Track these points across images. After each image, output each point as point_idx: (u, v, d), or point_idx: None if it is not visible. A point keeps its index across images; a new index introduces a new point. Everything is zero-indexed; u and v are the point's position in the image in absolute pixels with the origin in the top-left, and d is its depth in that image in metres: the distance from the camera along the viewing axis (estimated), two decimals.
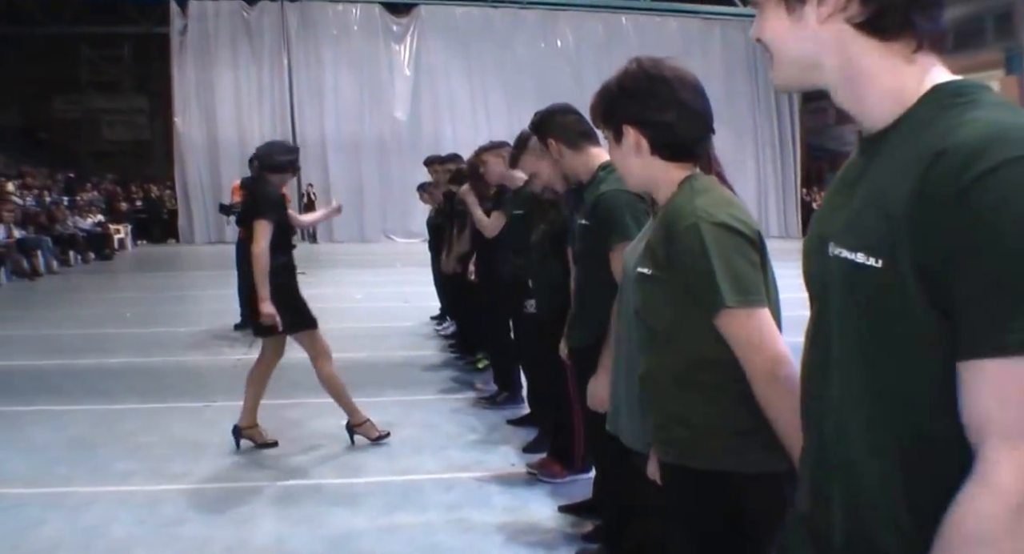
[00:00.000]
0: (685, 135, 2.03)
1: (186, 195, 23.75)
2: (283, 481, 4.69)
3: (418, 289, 12.72)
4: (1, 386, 6.86)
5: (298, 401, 6.21)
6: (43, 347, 8.55)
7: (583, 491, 4.36)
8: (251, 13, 23.59)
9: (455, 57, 25.03)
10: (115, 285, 14.41)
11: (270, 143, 5.62)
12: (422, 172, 5.52)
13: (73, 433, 5.55)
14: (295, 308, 5.11)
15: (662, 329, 1.91)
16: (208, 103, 23.41)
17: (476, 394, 6.61)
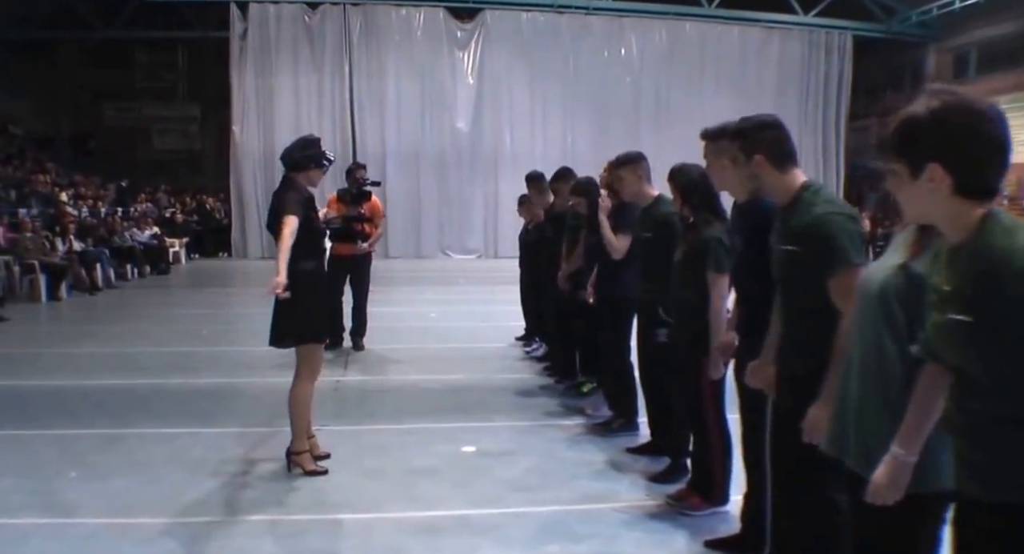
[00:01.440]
0: (994, 176, 1.99)
1: (241, 207, 24.17)
2: (426, 511, 4.73)
3: (492, 308, 12.95)
4: (92, 407, 7.01)
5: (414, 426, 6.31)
6: (125, 366, 8.69)
7: (726, 524, 4.42)
8: (313, 17, 23.98)
9: (518, 64, 25.28)
10: (180, 300, 14.67)
11: (296, 140, 5.47)
12: (482, 186, 5.28)
13: (194, 456, 5.65)
14: (308, 317, 5.14)
15: (985, 375, 1.92)
16: (266, 111, 23.81)
17: (586, 420, 6.65)
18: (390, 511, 4.70)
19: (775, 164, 3.30)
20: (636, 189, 5.53)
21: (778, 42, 26.79)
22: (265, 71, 23.75)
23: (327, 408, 6.65)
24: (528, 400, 7.39)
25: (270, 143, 23.74)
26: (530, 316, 9.93)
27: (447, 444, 5.94)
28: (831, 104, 27.27)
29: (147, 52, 29.07)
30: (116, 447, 5.80)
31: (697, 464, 4.84)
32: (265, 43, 23.72)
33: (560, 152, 25.37)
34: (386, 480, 5.20)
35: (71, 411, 6.80)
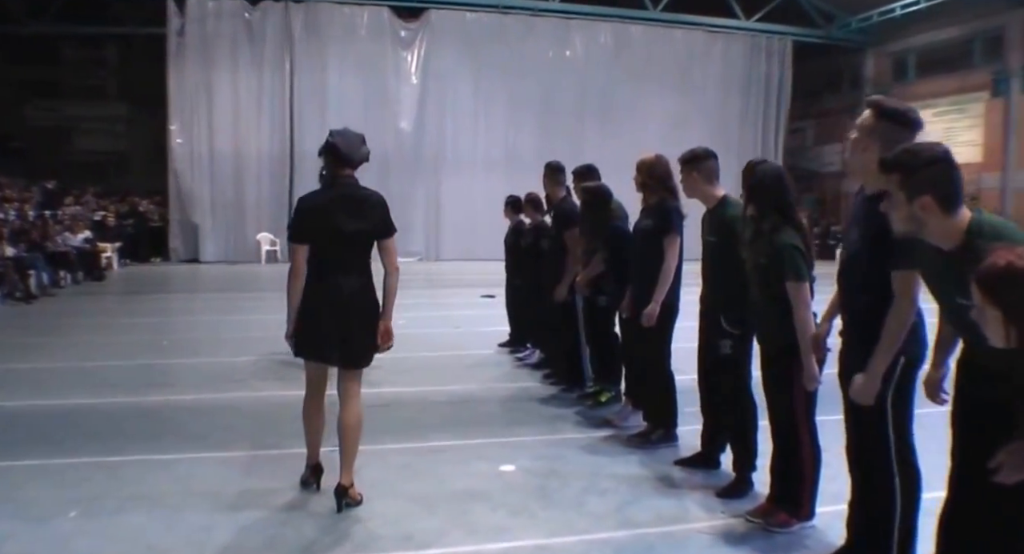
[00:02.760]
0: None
1: (180, 209, 23.22)
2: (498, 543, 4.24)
3: (459, 313, 12.52)
4: (70, 431, 6.31)
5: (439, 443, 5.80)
6: (92, 383, 7.93)
7: (817, 542, 4.21)
8: (253, 14, 23.14)
9: (463, 65, 24.86)
10: (126, 308, 13.79)
11: (354, 135, 4.79)
12: (424, 187, 4.73)
13: (206, 487, 5.03)
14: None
15: None
16: (204, 110, 22.87)
17: (617, 431, 6.25)
18: (457, 544, 4.19)
19: (944, 207, 2.87)
20: (700, 189, 5.10)
21: (721, 46, 27.02)
22: (203, 68, 22.82)
23: (332, 426, 6.08)
24: (544, 411, 6.93)
25: (208, 142, 22.89)
26: (518, 322, 9.48)
27: (482, 462, 5.46)
28: (771, 106, 27.53)
29: (76, 48, 27.73)
30: (113, 478, 5.13)
31: (783, 478, 4.46)
32: (203, 39, 22.81)
33: (504, 153, 25.12)
34: (436, 507, 4.66)
35: (47, 436, 6.06)
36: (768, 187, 4.25)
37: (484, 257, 23.33)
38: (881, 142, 3.33)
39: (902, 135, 3.31)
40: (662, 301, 5.64)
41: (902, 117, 3.41)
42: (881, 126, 3.41)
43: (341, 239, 4.49)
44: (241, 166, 23.22)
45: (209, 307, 13.78)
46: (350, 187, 4.61)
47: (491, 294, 14.61)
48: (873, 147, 3.37)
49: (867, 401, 3.42)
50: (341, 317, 4.52)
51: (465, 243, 24.02)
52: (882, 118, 3.43)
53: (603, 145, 23.56)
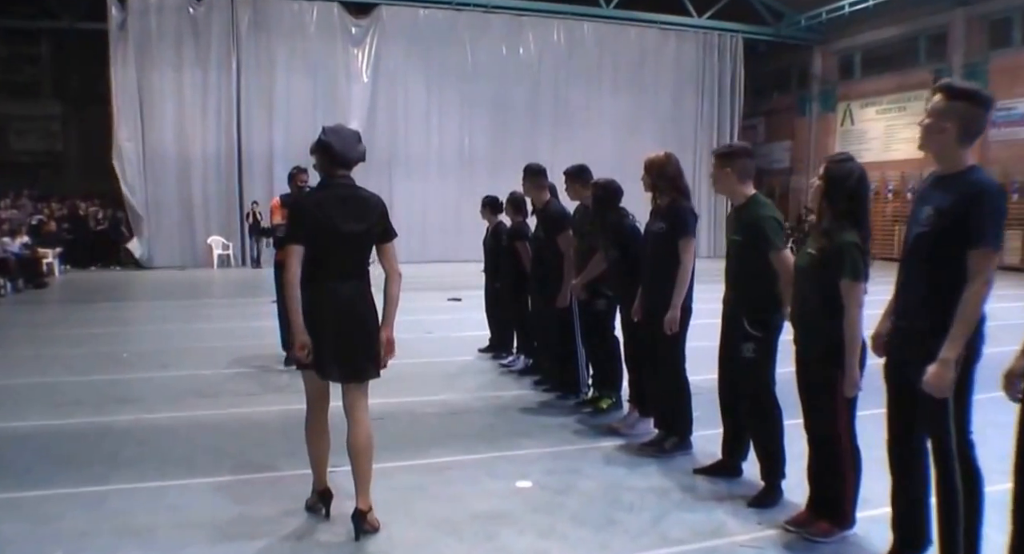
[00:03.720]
0: None
1: (126, 213, 22.54)
2: None
3: (427, 318, 12.22)
4: (38, 457, 5.85)
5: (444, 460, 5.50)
6: (53, 401, 7.41)
7: (861, 549, 4.14)
8: (197, 9, 22.41)
9: (414, 63, 24.47)
10: (75, 318, 13.09)
11: (351, 133, 4.48)
12: (375, 188, 4.33)
13: (201, 516, 4.68)
14: None
15: None
16: (146, 108, 22.12)
17: (626, 439, 6.03)
18: None
19: None
20: (732, 186, 4.85)
21: (674, 43, 27.03)
22: (145, 65, 22.03)
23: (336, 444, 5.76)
24: (543, 420, 6.66)
25: (149, 142, 22.18)
26: (499, 326, 9.20)
27: (495, 480, 5.18)
28: (725, 103, 27.64)
29: (6, 44, 26.65)
30: (96, 510, 4.70)
31: (822, 485, 4.30)
32: (145, 35, 22.02)
33: (457, 152, 24.84)
34: (460, 532, 4.36)
35: (10, 464, 5.57)
36: (848, 185, 4.01)
37: (437, 259, 23.12)
38: (959, 123, 3.37)
39: (978, 113, 3.39)
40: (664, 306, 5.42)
41: (976, 96, 3.41)
42: (957, 107, 3.38)
43: (339, 241, 4.21)
44: (187, 167, 22.51)
45: (165, 315, 13.22)
46: (348, 188, 4.31)
47: (457, 297, 14.33)
48: (951, 128, 3.37)
49: (944, 393, 3.31)
50: (339, 327, 4.24)
51: (418, 245, 23.64)
52: (956, 99, 3.40)
53: (557, 145, 23.52)
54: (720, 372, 5.04)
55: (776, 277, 4.58)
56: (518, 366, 8.54)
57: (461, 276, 18.41)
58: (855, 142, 26.16)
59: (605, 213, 6.26)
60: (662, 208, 5.60)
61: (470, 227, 22.63)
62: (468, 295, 14.31)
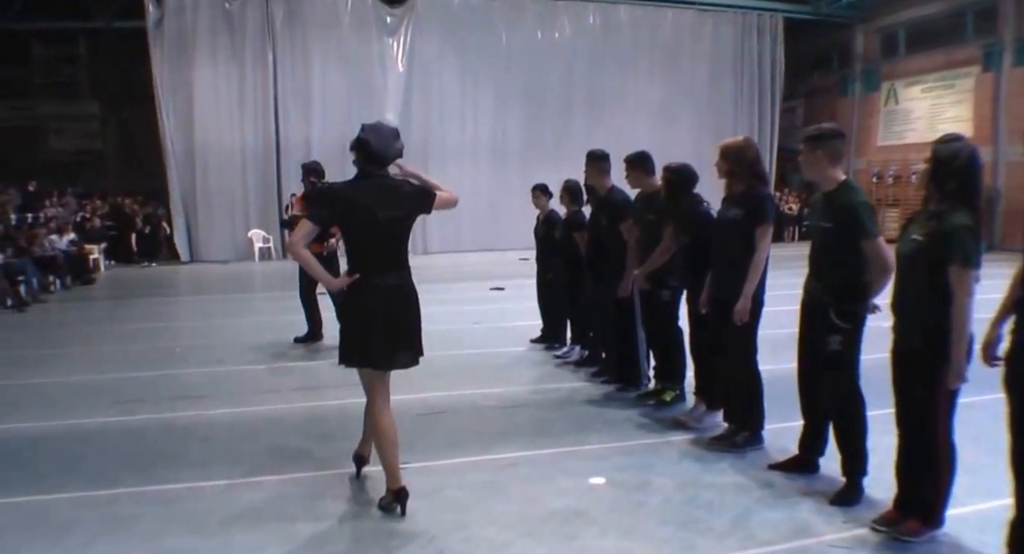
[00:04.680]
0: None
1: (168, 208, 22.71)
2: None
3: (472, 308, 12.15)
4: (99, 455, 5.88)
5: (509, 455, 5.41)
6: (111, 398, 7.40)
7: (954, 549, 4.04)
8: (233, 4, 22.37)
9: (449, 51, 24.26)
10: (123, 314, 13.11)
11: (388, 129, 4.55)
12: None
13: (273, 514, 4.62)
14: None
15: None
16: (184, 105, 22.15)
17: (694, 433, 5.90)
18: None
19: None
20: (822, 170, 4.68)
21: (711, 25, 26.55)
22: (182, 62, 22.02)
23: None
24: (606, 414, 6.55)
25: (189, 138, 22.23)
26: (551, 317, 9.09)
27: (566, 477, 5.08)
28: (765, 86, 27.17)
29: (45, 45, 26.86)
30: (169, 509, 4.70)
31: (913, 483, 4.16)
32: (181, 32, 21.98)
33: (491, 140, 24.70)
34: (539, 532, 4.27)
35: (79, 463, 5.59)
36: (957, 166, 3.85)
37: (473, 248, 23.05)
38: None
39: None
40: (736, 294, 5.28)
41: None
42: None
43: (377, 228, 4.34)
44: (226, 162, 22.51)
45: (212, 309, 13.25)
46: (382, 178, 4.43)
47: (500, 286, 14.24)
48: None
49: None
50: (391, 318, 4.39)
51: (453, 234, 23.59)
52: None
53: (591, 131, 23.27)
54: (800, 364, 4.89)
55: (865, 266, 4.43)
56: (573, 357, 8.42)
57: (500, 265, 18.38)
58: (900, 122, 25.68)
59: (678, 198, 6.12)
60: (737, 194, 5.45)
61: (506, 215, 22.72)
62: (510, 284, 14.24)
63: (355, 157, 4.42)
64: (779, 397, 5.49)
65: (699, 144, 21.30)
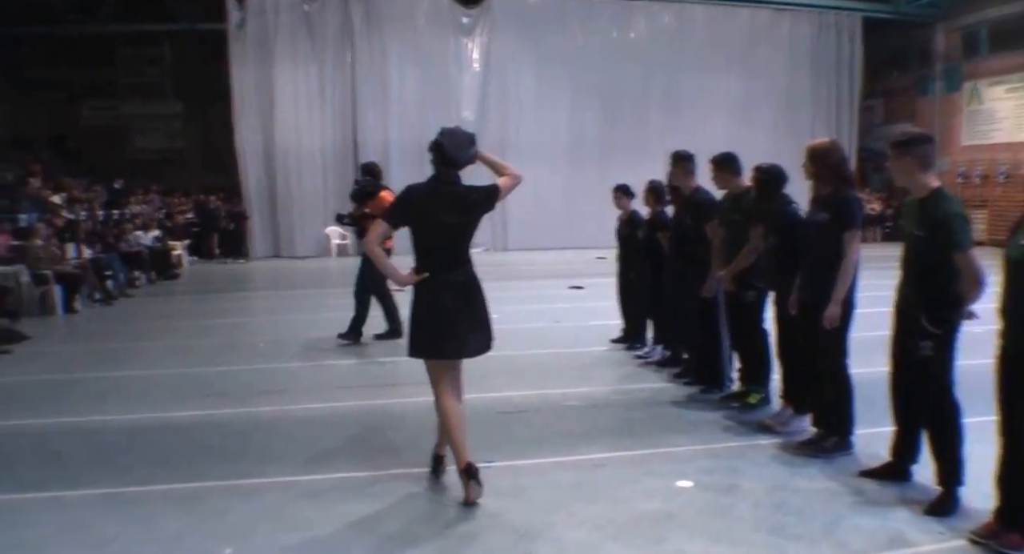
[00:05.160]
0: None
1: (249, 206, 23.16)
2: None
3: (552, 306, 12.10)
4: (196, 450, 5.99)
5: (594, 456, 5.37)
6: (193, 391, 7.56)
7: None
8: (312, 6, 22.74)
9: (524, 51, 24.29)
10: (206, 308, 13.41)
11: (463, 135, 4.84)
12: (488, 177, 4.67)
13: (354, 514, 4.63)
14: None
15: None
16: (266, 104, 22.58)
17: (780, 437, 5.78)
18: None
19: None
20: (913, 176, 4.55)
21: (788, 24, 26.16)
22: (263, 63, 22.48)
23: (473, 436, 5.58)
24: (689, 415, 6.47)
25: (269, 137, 22.66)
26: (632, 317, 9.01)
27: (652, 478, 5.01)
28: (843, 85, 26.67)
29: (130, 47, 27.60)
30: (255, 505, 4.74)
31: (1014, 494, 3.98)
32: (263, 33, 22.45)
33: (568, 139, 24.65)
34: (628, 535, 4.21)
35: (168, 456, 5.70)
36: None
37: (551, 246, 23.01)
38: None
39: None
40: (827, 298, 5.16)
41: None
42: None
43: (441, 230, 4.64)
44: (306, 160, 22.90)
45: (292, 305, 13.45)
46: (452, 185, 4.70)
47: (579, 285, 14.19)
48: None
49: None
50: (457, 311, 4.66)
51: (531, 232, 23.64)
52: None
53: (667, 130, 23.08)
54: (893, 369, 4.76)
55: (958, 275, 4.29)
56: (655, 357, 8.34)
57: (578, 263, 18.33)
58: (983, 122, 24.95)
59: (767, 199, 6.01)
60: (824, 197, 5.34)
61: (584, 213, 22.66)
62: (588, 282, 14.18)
63: (432, 158, 4.67)
64: (870, 401, 5.35)
65: (777, 143, 21.01)
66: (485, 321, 4.79)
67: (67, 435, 6.24)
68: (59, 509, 4.71)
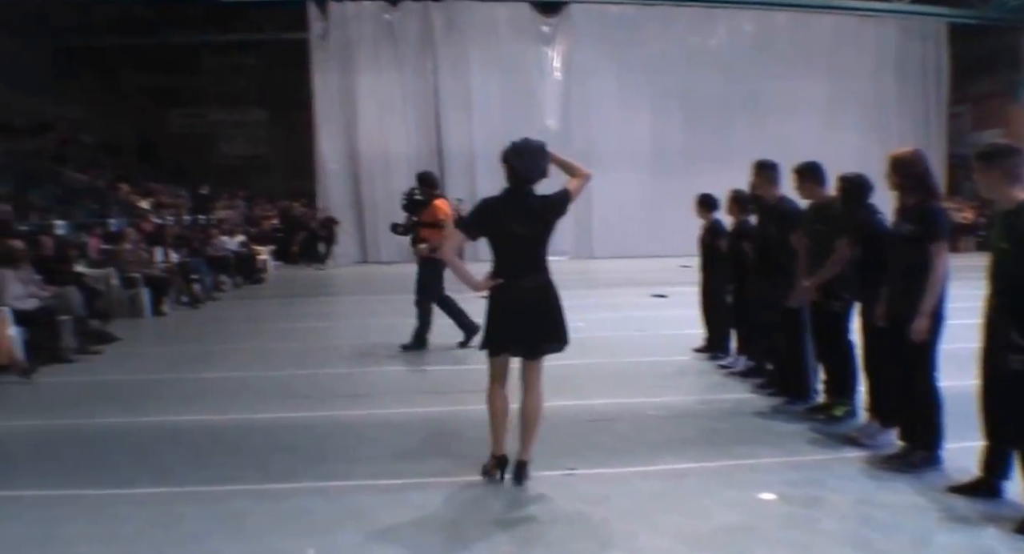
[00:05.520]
0: None
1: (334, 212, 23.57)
2: None
3: (636, 315, 12.04)
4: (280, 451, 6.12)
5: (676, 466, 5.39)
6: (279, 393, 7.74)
7: None
8: (393, 14, 23.15)
9: (606, 58, 24.32)
10: (289, 312, 13.71)
11: (534, 147, 5.06)
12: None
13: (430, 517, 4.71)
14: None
15: None
16: (348, 112, 23.02)
17: (866, 451, 5.66)
18: None
19: None
20: (1000, 189, 4.47)
21: (872, 29, 25.71)
22: (346, 71, 23.01)
23: (556, 443, 5.73)
24: (774, 427, 6.39)
25: (352, 144, 23.08)
26: (715, 327, 8.94)
27: (735, 490, 4.98)
28: (929, 90, 26.12)
29: (217, 56, 28.42)
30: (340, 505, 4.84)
31: None
32: (345, 42, 22.98)
33: (650, 145, 24.58)
34: (710, 546, 4.21)
35: (255, 456, 5.85)
36: None
37: (636, 254, 22.92)
38: None
39: None
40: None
41: None
42: None
43: (513, 240, 4.96)
44: (389, 167, 23.23)
45: (374, 310, 13.63)
46: (523, 195, 4.98)
47: (662, 293, 14.12)
48: None
49: None
50: (523, 314, 4.95)
51: (615, 240, 23.67)
52: None
53: (751, 136, 22.86)
54: (982, 382, 4.66)
55: None
56: (738, 368, 8.26)
57: (661, 271, 18.22)
58: None
59: (852, 208, 5.94)
60: (909, 208, 5.26)
61: (667, 221, 22.52)
62: (671, 291, 14.09)
63: (505, 172, 4.99)
64: (960, 415, 5.23)
65: (864, 149, 20.68)
66: (557, 324, 5.05)
67: (158, 434, 6.46)
68: (149, 505, 4.87)
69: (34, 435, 6.50)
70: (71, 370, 9.06)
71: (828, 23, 25.48)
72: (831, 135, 23.56)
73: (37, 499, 5.00)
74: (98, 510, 4.78)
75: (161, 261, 14.55)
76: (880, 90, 25.64)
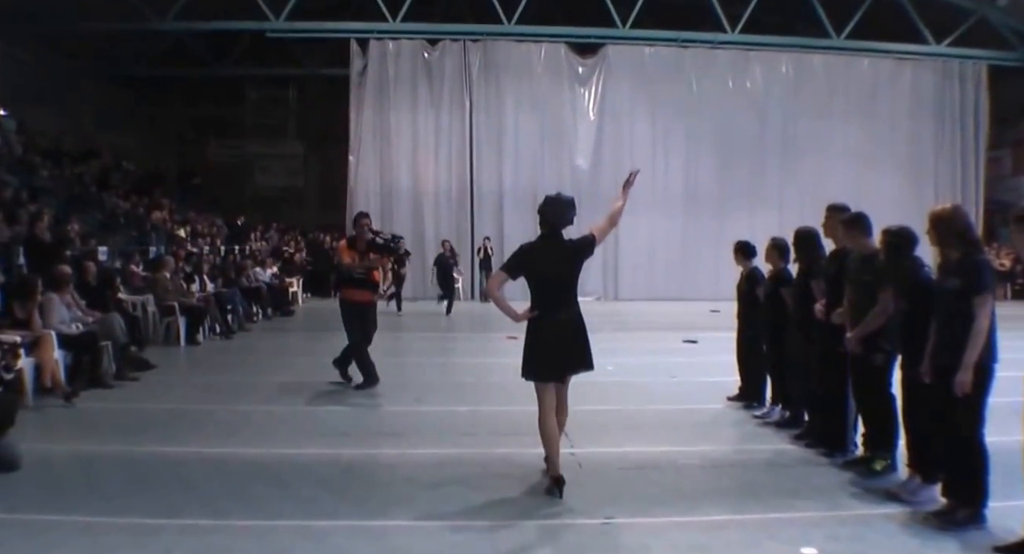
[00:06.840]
0: None
1: None
2: None
3: (667, 360, 11.97)
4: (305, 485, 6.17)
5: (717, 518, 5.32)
6: (315, 429, 7.82)
7: None
8: (432, 53, 23.47)
9: (640, 100, 24.48)
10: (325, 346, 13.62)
11: (566, 200, 5.97)
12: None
13: None
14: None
15: None
16: (383, 147, 23.28)
17: (909, 507, 5.60)
18: None
19: None
20: None
21: (910, 72, 25.66)
22: (383, 107, 23.31)
23: (593, 490, 5.78)
24: (812, 479, 6.33)
25: (386, 180, 23.26)
26: (750, 375, 8.89)
27: (776, 543, 4.95)
28: (968, 134, 25.88)
29: (257, 89, 28.91)
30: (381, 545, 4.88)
31: None
32: (384, 79, 23.31)
33: (683, 187, 24.55)
34: None
35: (296, 492, 5.87)
36: None
37: (664, 297, 22.84)
38: None
39: None
40: (975, 365, 5.02)
41: None
42: None
43: (546, 279, 5.79)
44: (421, 203, 23.50)
45: (407, 348, 13.70)
46: (554, 240, 5.86)
47: (693, 339, 14.03)
48: None
49: None
50: (559, 342, 5.75)
51: (644, 282, 23.70)
52: None
53: (785, 179, 22.86)
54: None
55: None
56: (774, 418, 8.20)
57: (691, 316, 18.14)
58: None
59: (898, 261, 5.94)
60: (953, 262, 5.26)
61: (696, 264, 22.59)
62: (702, 336, 14.00)
63: (539, 221, 5.87)
64: (1007, 472, 5.18)
65: (900, 193, 20.69)
66: (584, 349, 5.84)
67: (201, 464, 6.51)
68: (197, 536, 4.93)
69: (78, 460, 6.58)
70: (111, 396, 9.20)
71: (865, 65, 25.49)
72: (868, 176, 23.47)
73: (84, 525, 5.06)
74: (147, 538, 4.85)
75: (198, 291, 14.68)
76: (917, 133, 25.53)
